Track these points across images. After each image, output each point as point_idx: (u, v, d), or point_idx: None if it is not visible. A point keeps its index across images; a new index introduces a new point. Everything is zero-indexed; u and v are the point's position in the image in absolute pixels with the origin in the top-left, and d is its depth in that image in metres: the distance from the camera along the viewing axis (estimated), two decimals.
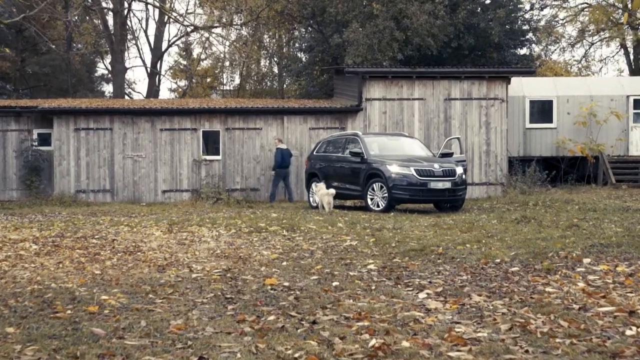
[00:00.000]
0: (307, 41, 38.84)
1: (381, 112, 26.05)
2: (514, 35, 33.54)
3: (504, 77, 26.39)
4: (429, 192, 18.95)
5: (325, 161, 21.61)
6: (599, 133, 28.33)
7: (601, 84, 30.14)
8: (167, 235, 13.75)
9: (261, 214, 18.56)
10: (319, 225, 15.45)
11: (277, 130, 26.12)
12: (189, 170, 25.86)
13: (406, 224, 15.67)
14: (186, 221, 16.26)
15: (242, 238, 13.52)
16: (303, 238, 13.54)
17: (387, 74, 26.18)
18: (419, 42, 30.94)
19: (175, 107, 26.54)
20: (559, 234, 13.39)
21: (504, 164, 26.29)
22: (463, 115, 26.22)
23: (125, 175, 25.73)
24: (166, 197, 25.71)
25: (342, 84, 29.63)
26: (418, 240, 13.09)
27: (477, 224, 15.50)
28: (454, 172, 19.26)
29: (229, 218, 16.90)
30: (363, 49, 30.51)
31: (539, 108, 29.31)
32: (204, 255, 11.19)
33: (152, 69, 41.03)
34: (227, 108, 26.40)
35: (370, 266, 9.62)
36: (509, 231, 14.07)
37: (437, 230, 14.61)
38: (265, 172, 25.99)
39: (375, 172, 19.45)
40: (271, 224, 15.52)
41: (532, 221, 15.90)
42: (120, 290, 7.93)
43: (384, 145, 20.77)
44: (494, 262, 9.88)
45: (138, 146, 25.79)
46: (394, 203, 19.23)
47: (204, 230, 14.58)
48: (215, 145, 26.10)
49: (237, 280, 8.63)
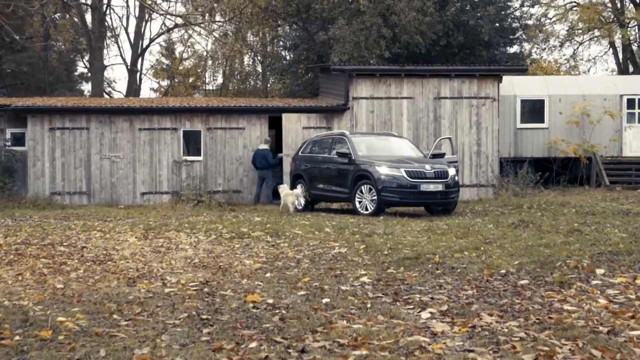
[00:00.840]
0: (291, 39, 37.92)
1: (369, 111, 25.14)
2: (504, 33, 32.75)
3: (496, 75, 25.54)
4: (420, 194, 18.05)
5: (311, 162, 20.69)
6: (592, 133, 27.53)
7: (594, 83, 29.37)
8: (142, 242, 12.77)
9: (244, 218, 17.61)
10: (305, 230, 14.52)
11: (261, 130, 25.16)
12: (169, 172, 24.87)
13: (397, 229, 14.78)
14: (164, 226, 15.29)
15: (223, 245, 12.58)
16: (288, 245, 12.62)
17: (374, 72, 25.28)
18: (407, 40, 30.06)
19: (154, 105, 25.55)
20: (561, 239, 12.57)
21: (495, 165, 25.44)
22: (453, 115, 25.36)
23: (103, 177, 24.71)
24: (145, 200, 24.70)
25: (327, 83, 28.71)
26: (411, 247, 12.20)
27: (473, 229, 14.63)
28: (446, 174, 18.38)
29: (209, 222, 15.94)
30: (349, 47, 29.61)
31: (530, 107, 28.50)
32: (180, 265, 10.24)
33: (132, 67, 39.90)
34: (208, 107, 25.42)
35: (364, 278, 8.70)
36: (508, 237, 13.22)
37: (431, 236, 13.73)
38: (249, 174, 25.03)
39: (363, 174, 18.54)
40: (254, 228, 14.58)
41: (531, 226, 15.05)
42: (81, 310, 6.96)
43: (373, 146, 19.85)
44: (499, 273, 8.99)
45: (116, 146, 24.77)
46: (384, 206, 18.32)
47: (182, 236, 13.62)
48: (196, 145, 25.11)
49: (215, 296, 7.67)
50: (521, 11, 35.72)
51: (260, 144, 24.48)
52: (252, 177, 25.00)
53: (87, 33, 36.46)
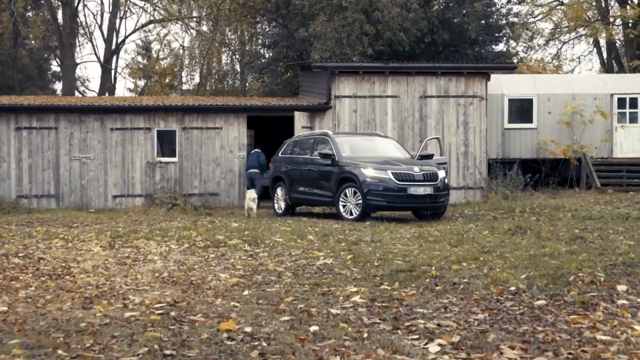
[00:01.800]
0: (270, 37, 36.71)
1: (351, 110, 24.05)
2: (490, 30, 31.74)
3: (484, 73, 24.54)
4: (408, 198, 16.96)
5: (292, 164, 19.56)
6: (582, 134, 26.59)
7: (584, 82, 28.46)
8: (107, 252, 11.59)
9: (220, 223, 16.46)
10: (286, 237, 13.40)
11: (239, 130, 24.00)
12: (142, 174, 23.65)
13: (386, 236, 13.69)
14: (133, 233, 14.10)
15: (196, 255, 11.43)
16: (268, 254, 11.50)
17: (358, 70, 24.19)
18: (391, 37, 28.99)
19: (127, 104, 24.32)
20: (565, 248, 11.58)
21: (483, 167, 24.43)
22: (439, 114, 24.32)
23: (72, 179, 23.45)
24: (117, 203, 23.47)
25: (308, 81, 27.61)
26: (403, 257, 11.13)
27: (467, 236, 13.57)
28: (436, 176, 17.31)
29: (182, 228, 14.76)
30: (331, 44, 28.51)
31: (518, 107, 27.53)
32: (146, 280, 9.09)
33: (105, 64, 38.52)
34: (184, 105, 24.23)
35: (356, 298, 7.58)
36: (507, 245, 12.18)
37: (423, 244, 12.66)
38: (226, 176, 23.86)
39: (347, 176, 17.43)
40: (231, 236, 13.44)
41: (529, 232, 14.04)
42: (19, 342, 5.80)
43: (357, 146, 18.76)
44: (509, 291, 7.92)
45: (86, 147, 23.52)
46: (369, 210, 17.22)
47: (152, 244, 12.44)
48: (171, 146, 23.90)
49: (183, 322, 6.52)
50: (507, 8, 34.81)
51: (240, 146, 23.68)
52: (229, 179, 23.87)
53: (58, 29, 35.06)
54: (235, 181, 23.83)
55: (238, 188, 23.80)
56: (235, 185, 23.82)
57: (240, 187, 23.80)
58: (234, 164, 23.86)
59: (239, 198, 23.33)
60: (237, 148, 23.93)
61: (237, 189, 23.80)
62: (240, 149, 23.94)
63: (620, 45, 44.25)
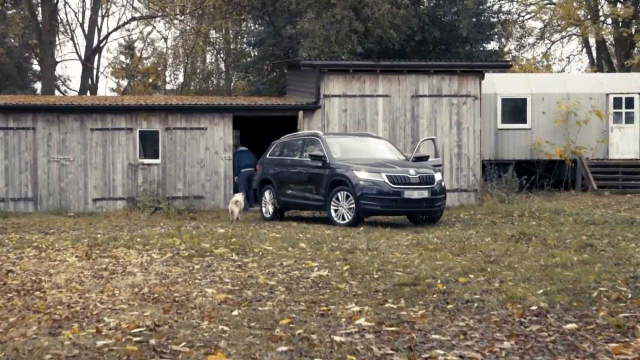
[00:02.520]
0: (256, 35, 35.74)
1: (341, 110, 23.20)
2: (482, 28, 30.94)
3: (477, 71, 23.73)
4: (403, 202, 16.12)
5: (280, 165, 18.69)
6: (578, 134, 25.86)
7: (579, 81, 27.74)
8: (83, 263, 10.69)
9: (205, 230, 15.57)
10: (276, 245, 12.54)
11: (224, 130, 23.10)
12: (124, 176, 22.69)
13: (382, 244, 12.87)
14: (112, 240, 13.18)
15: (180, 265, 10.55)
16: (258, 265, 10.64)
17: (347, 68, 23.33)
18: (380, 34, 28.14)
19: (108, 104, 23.36)
20: (576, 257, 10.84)
21: (477, 169, 23.62)
22: (432, 114, 23.50)
23: (51, 182, 22.48)
24: (97, 207, 22.51)
25: (296, 80, 26.74)
26: (404, 267, 10.33)
27: (469, 244, 12.77)
28: (432, 179, 16.48)
29: (165, 235, 13.86)
30: (319, 41, 27.61)
31: (512, 107, 26.82)
32: (124, 297, 8.21)
33: (86, 62, 37.43)
34: (167, 105, 23.29)
35: (360, 320, 6.72)
36: (513, 254, 11.40)
37: (423, 253, 11.85)
38: (211, 178, 22.96)
39: (339, 179, 16.58)
40: (217, 244, 12.57)
41: (534, 239, 13.26)
42: None
43: (349, 148, 17.91)
44: (530, 310, 7.10)
45: (65, 148, 22.56)
46: (363, 215, 16.37)
47: (132, 254, 11.54)
48: (153, 147, 22.94)
49: (164, 354, 5.64)
50: (499, 4, 34.06)
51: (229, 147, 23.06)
52: (214, 181, 22.97)
53: (37, 27, 33.99)
54: (221, 184, 22.94)
55: (223, 191, 22.91)
56: (220, 187, 22.93)
57: (226, 190, 22.91)
58: (220, 165, 22.97)
59: (224, 201, 22.44)
60: (223, 149, 23.04)
61: (222, 191, 22.92)
62: (225, 150, 23.06)
63: (610, 44, 43.72)
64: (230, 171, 23.14)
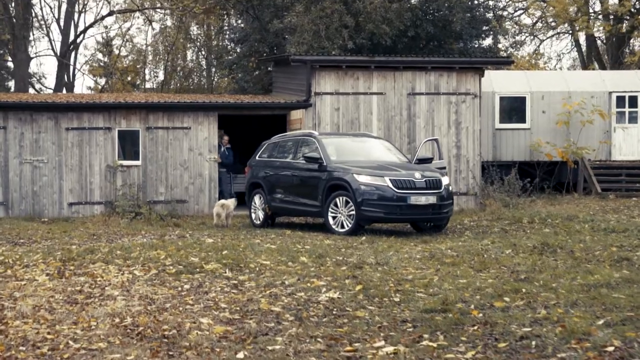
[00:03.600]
0: (239, 31, 34.17)
1: (333, 108, 21.81)
2: (476, 24, 29.63)
3: (477, 68, 22.40)
4: (408, 208, 14.76)
5: (271, 168, 17.29)
6: (580, 135, 24.66)
7: (580, 79, 26.49)
8: (55, 283, 9.27)
9: (192, 239, 14.17)
10: (273, 259, 11.18)
11: (209, 129, 21.66)
12: (102, 179, 21.19)
13: (391, 257, 11.55)
14: (89, 253, 11.76)
15: (167, 286, 9.17)
16: (256, 284, 9.30)
17: (340, 64, 21.92)
18: (372, 29, 26.74)
19: (84, 101, 21.84)
20: (617, 274, 9.65)
21: (476, 171, 22.31)
22: (429, 113, 22.17)
23: (23, 185, 20.96)
24: (73, 212, 21.01)
25: (283, 77, 25.33)
26: (424, 287, 9.06)
27: (488, 257, 11.49)
28: (439, 183, 15.14)
29: (148, 247, 12.44)
30: (308, 36, 26.16)
31: (510, 106, 25.60)
32: (103, 332, 6.82)
33: (62, 58, 35.73)
34: (148, 103, 21.80)
35: None
36: (542, 270, 10.18)
37: (440, 268, 10.57)
38: (195, 181, 21.52)
39: (338, 183, 15.20)
40: (207, 257, 11.19)
41: (559, 251, 11.99)
42: None
43: (347, 149, 16.53)
44: (609, 354, 5.77)
45: (39, 149, 21.04)
46: (364, 223, 15.00)
47: (112, 271, 10.13)
48: (133, 147, 21.43)
49: None
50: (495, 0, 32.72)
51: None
52: (198, 184, 21.52)
53: (10, 21, 32.34)
54: (205, 187, 21.50)
55: (208, 194, 21.49)
56: (205, 191, 21.50)
57: (211, 193, 21.50)
58: (204, 167, 21.53)
59: (209, 205, 21.02)
60: (208, 150, 21.61)
61: (207, 195, 21.49)
62: (210, 150, 21.63)
63: (602, 42, 42.81)
64: (215, 173, 21.73)
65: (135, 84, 47.07)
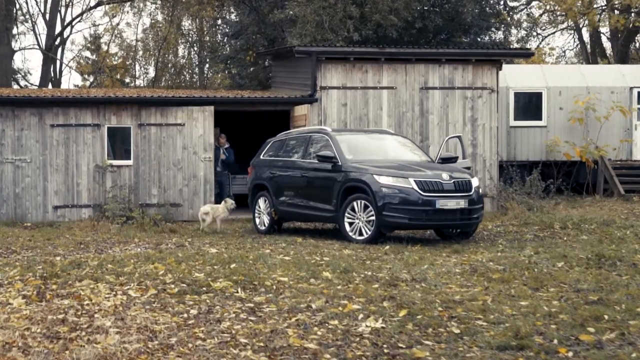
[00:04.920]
0: (234, 25, 32.46)
1: (340, 104, 20.21)
2: (486, 16, 28.11)
3: (494, 60, 20.85)
4: (435, 214, 13.12)
5: (278, 168, 15.65)
6: (599, 133, 23.14)
7: (599, 74, 24.93)
8: (33, 309, 7.62)
9: (193, 248, 12.53)
10: (291, 274, 9.57)
11: (205, 126, 20.00)
12: (90, 180, 19.52)
13: (427, 271, 9.96)
14: (75, 267, 10.11)
15: (170, 311, 7.55)
16: (277, 308, 7.71)
17: (348, 56, 20.30)
18: (379, 20, 25.13)
19: (71, 96, 20.17)
20: None
21: (494, 171, 20.75)
22: (443, 109, 20.59)
23: (4, 186, 19.29)
24: (59, 215, 19.35)
25: (283, 72, 23.73)
26: (482, 312, 7.52)
27: (539, 271, 9.90)
28: (469, 185, 13.53)
29: (143, 259, 10.80)
30: (310, 27, 24.57)
31: (526, 102, 24.03)
32: None
33: (48, 52, 33.94)
34: (140, 98, 20.12)
35: None
36: (612, 288, 8.60)
37: (487, 285, 8.99)
38: (189, 182, 19.86)
39: (355, 185, 13.57)
40: (214, 272, 9.56)
41: (618, 263, 10.41)
42: None
43: (364, 147, 14.89)
44: None
45: (21, 147, 19.38)
46: (385, 230, 13.36)
47: (102, 291, 8.49)
48: (124, 146, 19.80)
49: None
50: None
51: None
52: (193, 186, 19.86)
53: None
54: (200, 189, 19.84)
55: (203, 197, 19.82)
56: (199, 193, 19.82)
57: (207, 196, 19.84)
58: (199, 167, 19.89)
59: None
60: (203, 149, 19.96)
61: (201, 198, 19.81)
62: (206, 149, 19.97)
63: (607, 38, 41.52)
64: (211, 174, 20.07)
65: (124, 82, 45.33)
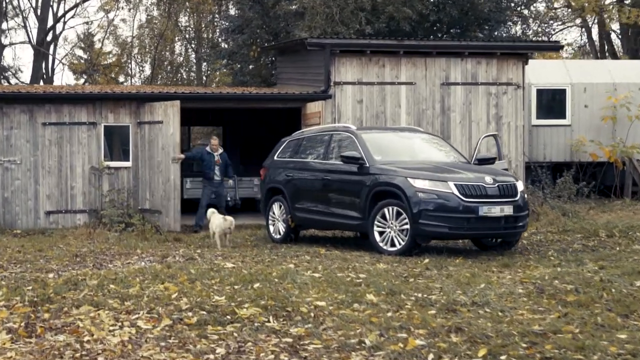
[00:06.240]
0: (235, 19, 30.93)
1: (356, 100, 18.76)
2: (503, 10, 26.74)
3: (521, 54, 19.43)
4: (478, 222, 11.63)
5: (295, 170, 14.15)
6: (628, 132, 21.78)
7: (626, 69, 23.63)
8: (20, 348, 6.11)
9: (205, 262, 11.02)
10: (329, 297, 8.08)
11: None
12: (85, 183, 18.13)
13: (485, 291, 8.46)
14: (71, 288, 8.60)
15: (191, 351, 6.08)
16: (323, 345, 6.27)
17: (364, 48, 18.84)
18: (392, 12, 23.69)
19: (64, 92, 18.71)
20: None
21: (520, 172, 19.33)
22: (466, 106, 19.16)
23: None
24: (52, 222, 17.94)
25: (291, 67, 22.33)
26: (580, 351, 6.38)
27: (617, 291, 8.43)
28: (515, 190, 12.05)
29: (151, 277, 9.30)
30: (320, 19, 23.12)
31: (549, 99, 22.73)
32: None
33: (39, 47, 32.43)
34: (139, 94, 18.72)
35: None
36: None
37: (566, 312, 7.53)
38: (165, 187, 18.31)
39: (386, 190, 12.08)
40: (237, 295, 8.07)
41: None
42: None
43: (393, 147, 13.37)
44: None
45: (10, 148, 18.00)
46: (421, 240, 11.87)
47: (105, 321, 6.99)
48: (123, 146, 18.49)
49: None
50: None
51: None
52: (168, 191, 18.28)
53: None
54: (171, 195, 18.29)
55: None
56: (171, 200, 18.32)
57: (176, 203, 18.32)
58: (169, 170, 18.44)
59: (174, 219, 17.74)
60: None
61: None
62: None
63: (616, 35, 40.43)
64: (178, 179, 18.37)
65: (119, 81, 43.87)
